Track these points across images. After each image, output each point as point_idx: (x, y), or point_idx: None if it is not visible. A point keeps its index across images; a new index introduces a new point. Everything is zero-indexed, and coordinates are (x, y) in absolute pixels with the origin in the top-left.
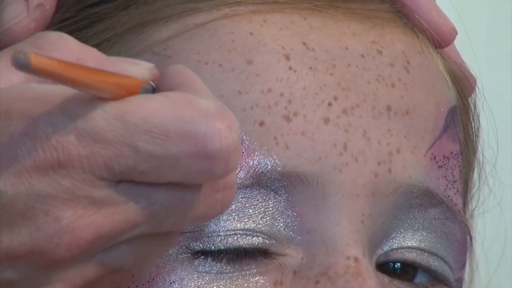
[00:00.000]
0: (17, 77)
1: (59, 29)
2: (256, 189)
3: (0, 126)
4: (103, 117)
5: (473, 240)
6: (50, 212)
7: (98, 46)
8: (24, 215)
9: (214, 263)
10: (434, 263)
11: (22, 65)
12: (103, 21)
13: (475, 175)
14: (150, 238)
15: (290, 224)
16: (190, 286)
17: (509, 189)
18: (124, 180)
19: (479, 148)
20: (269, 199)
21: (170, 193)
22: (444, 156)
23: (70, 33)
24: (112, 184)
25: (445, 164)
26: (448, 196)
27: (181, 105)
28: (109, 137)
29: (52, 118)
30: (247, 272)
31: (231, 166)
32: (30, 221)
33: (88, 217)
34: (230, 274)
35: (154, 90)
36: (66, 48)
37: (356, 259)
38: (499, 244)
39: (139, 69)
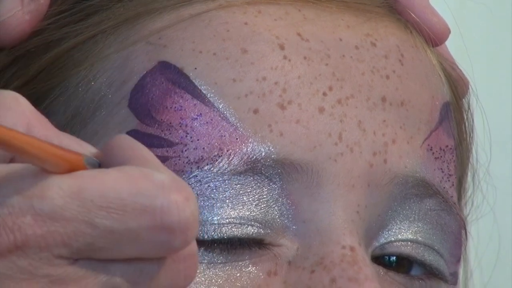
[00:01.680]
0: None
1: (54, 22)
2: (250, 176)
3: None
4: (59, 195)
5: (467, 247)
6: None
7: (92, 38)
8: None
9: (206, 252)
10: (429, 257)
11: None
12: (98, 13)
13: (469, 180)
14: None
15: (285, 212)
16: None
17: (503, 195)
18: (83, 257)
19: (473, 152)
20: (263, 186)
21: (129, 266)
22: (440, 148)
23: (65, 25)
24: (71, 261)
25: (441, 156)
26: (444, 188)
27: (136, 179)
28: (67, 215)
29: (7, 199)
30: (240, 263)
31: (190, 237)
32: None
33: None
34: (222, 264)
35: (99, 165)
36: (20, 110)
37: (352, 248)
38: (493, 251)
39: (82, 149)
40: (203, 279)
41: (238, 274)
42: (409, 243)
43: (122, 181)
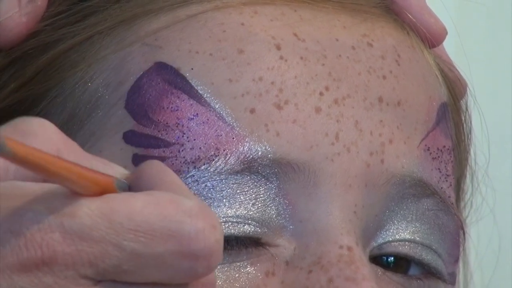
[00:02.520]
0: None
1: (52, 24)
2: (247, 175)
3: None
4: (88, 215)
5: (467, 249)
6: None
7: (89, 39)
8: None
9: None
10: (427, 257)
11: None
12: (95, 14)
13: (468, 182)
14: None
15: (282, 212)
16: None
17: (502, 196)
18: (106, 279)
19: (472, 154)
20: (260, 185)
21: None
22: (437, 149)
23: (62, 27)
24: (94, 282)
25: (438, 157)
26: (441, 188)
27: (165, 204)
28: (95, 235)
29: (38, 215)
30: (238, 264)
31: (213, 265)
32: None
33: None
34: (221, 265)
35: (129, 188)
36: (47, 137)
37: (349, 248)
38: (493, 253)
39: (113, 172)
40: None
41: (236, 275)
42: (406, 242)
43: (151, 206)
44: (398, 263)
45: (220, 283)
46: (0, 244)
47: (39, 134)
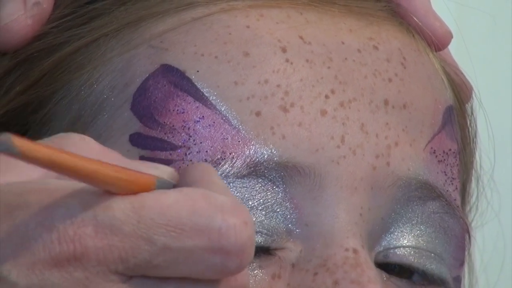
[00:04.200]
0: (35, 173)
1: (57, 26)
2: (254, 179)
3: (17, 217)
4: (120, 208)
5: (472, 253)
6: None
7: (95, 41)
8: None
9: None
10: (431, 266)
11: (5, 148)
12: (101, 16)
13: (473, 185)
14: None
15: (288, 216)
16: None
17: (508, 200)
18: (137, 275)
19: (477, 158)
20: (267, 189)
21: (181, 287)
22: (443, 152)
23: (68, 29)
24: (125, 278)
25: (444, 160)
26: (447, 191)
27: (196, 200)
28: (126, 229)
29: (70, 209)
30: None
31: (245, 262)
32: None
33: None
34: None
35: (174, 187)
36: (89, 150)
37: (355, 251)
38: (498, 257)
39: (159, 172)
40: None
41: None
42: (411, 251)
43: (183, 201)
44: (403, 268)
45: None
46: (32, 238)
47: (80, 146)
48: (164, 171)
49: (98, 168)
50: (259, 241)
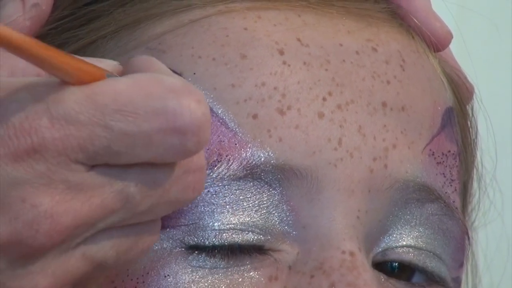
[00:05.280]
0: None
1: (56, 28)
2: (250, 181)
3: None
4: (73, 99)
5: (475, 253)
6: (27, 198)
7: (93, 43)
8: (1, 204)
9: (208, 258)
10: (431, 264)
11: None
12: (99, 18)
13: (475, 185)
14: (129, 228)
15: (285, 218)
16: (184, 280)
17: (510, 199)
18: (99, 164)
19: (478, 157)
20: (263, 192)
21: (143, 173)
22: (442, 153)
23: (66, 31)
24: (88, 168)
25: (443, 161)
26: (446, 192)
27: (148, 84)
28: (82, 118)
29: (23, 103)
30: (242, 268)
31: (203, 139)
32: (8, 210)
33: (65, 202)
34: (225, 269)
35: None
36: None
37: (351, 253)
38: (501, 257)
39: (104, 66)
40: (206, 284)
41: (240, 279)
42: (410, 249)
43: (134, 86)
44: (402, 269)
45: (223, 287)
46: None
47: None
48: (108, 64)
49: (55, 54)
50: (252, 239)
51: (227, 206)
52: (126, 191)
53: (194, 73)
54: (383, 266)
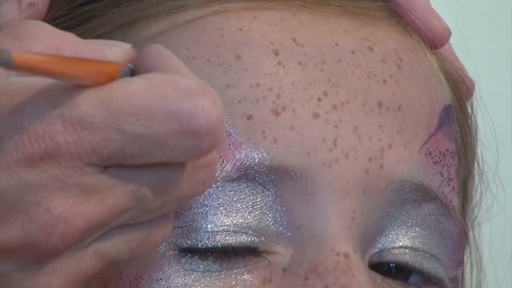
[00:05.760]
0: None
1: None
2: (244, 183)
3: None
4: (87, 103)
5: (480, 248)
6: (41, 202)
7: None
8: (15, 207)
9: (200, 261)
10: (428, 265)
11: (4, 63)
12: (94, 18)
13: (477, 181)
14: (141, 225)
15: (279, 219)
16: (177, 284)
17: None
18: (112, 165)
19: (479, 153)
20: (257, 193)
21: (156, 173)
22: (440, 152)
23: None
24: (101, 169)
25: (441, 161)
26: (443, 192)
27: (162, 85)
28: (95, 122)
29: (37, 108)
30: (235, 271)
31: (217, 140)
32: (22, 213)
33: (79, 205)
34: (218, 272)
35: (132, 72)
36: (45, 35)
37: (346, 255)
38: (506, 252)
39: (116, 51)
40: (199, 287)
41: (233, 282)
42: (407, 250)
43: (149, 88)
44: (399, 270)
45: None
46: (3, 141)
47: (37, 34)
48: (121, 48)
49: (64, 62)
50: (246, 241)
51: (221, 208)
52: (138, 191)
53: None
54: (379, 267)
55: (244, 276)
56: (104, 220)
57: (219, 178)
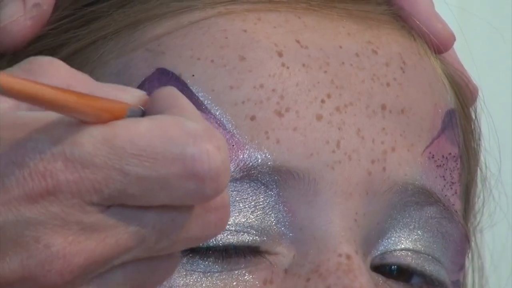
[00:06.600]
0: (6, 103)
1: (56, 28)
2: (247, 183)
3: None
4: (90, 141)
5: (482, 254)
6: (40, 239)
7: (93, 44)
8: (14, 243)
9: (201, 261)
10: (429, 267)
11: None
12: (99, 19)
13: (480, 187)
14: (144, 263)
15: (281, 219)
16: (178, 284)
17: None
18: (115, 204)
19: (482, 159)
20: (259, 193)
21: (161, 215)
22: (442, 156)
23: (67, 31)
24: (103, 208)
25: (443, 164)
26: (445, 195)
27: (168, 127)
28: (97, 161)
29: (39, 145)
30: (236, 272)
31: (221, 186)
32: (21, 249)
33: (79, 242)
34: (218, 273)
35: (143, 114)
36: (57, 73)
37: (348, 257)
38: (508, 258)
39: (129, 96)
40: None
41: (234, 283)
42: (409, 253)
43: (154, 129)
44: (401, 272)
45: None
46: (4, 176)
47: (48, 71)
48: (133, 94)
49: (69, 97)
50: (247, 240)
51: None
52: (142, 231)
53: (193, 75)
54: (381, 268)
55: (245, 277)
56: (105, 258)
57: None
